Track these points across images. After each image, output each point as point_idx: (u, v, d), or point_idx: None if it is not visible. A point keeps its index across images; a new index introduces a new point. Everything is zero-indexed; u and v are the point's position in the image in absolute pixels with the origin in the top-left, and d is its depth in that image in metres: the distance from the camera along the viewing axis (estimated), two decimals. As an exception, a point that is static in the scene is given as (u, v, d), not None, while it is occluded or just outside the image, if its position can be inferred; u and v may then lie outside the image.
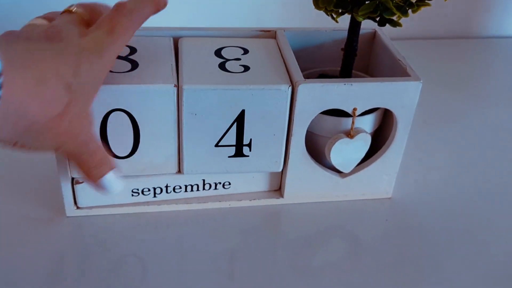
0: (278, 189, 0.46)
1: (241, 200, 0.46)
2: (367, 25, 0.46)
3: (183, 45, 0.44)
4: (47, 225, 0.43)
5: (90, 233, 0.43)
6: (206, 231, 0.44)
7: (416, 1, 0.36)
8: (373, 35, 0.48)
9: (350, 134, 0.42)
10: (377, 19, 0.37)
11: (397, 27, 0.37)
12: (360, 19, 0.36)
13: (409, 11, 0.37)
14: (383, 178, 0.46)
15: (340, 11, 0.35)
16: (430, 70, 0.69)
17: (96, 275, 0.39)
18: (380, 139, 0.46)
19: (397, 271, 0.41)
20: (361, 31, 0.46)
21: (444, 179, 0.51)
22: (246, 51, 0.44)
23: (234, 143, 0.42)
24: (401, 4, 0.34)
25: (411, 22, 0.73)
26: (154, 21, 0.66)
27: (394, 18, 0.37)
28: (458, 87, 0.67)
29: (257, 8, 0.69)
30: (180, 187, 0.44)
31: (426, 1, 0.36)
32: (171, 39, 0.44)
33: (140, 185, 0.43)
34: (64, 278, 0.39)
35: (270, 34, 0.46)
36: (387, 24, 0.37)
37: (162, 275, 0.40)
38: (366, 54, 0.49)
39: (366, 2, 0.34)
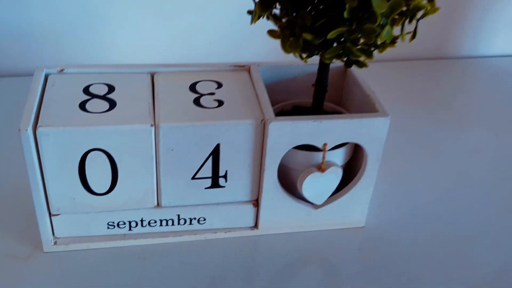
0: (254, 226, 0.50)
1: (216, 233, 0.50)
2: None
3: (159, 81, 0.48)
4: (25, 262, 0.47)
5: (68, 268, 0.46)
6: (183, 264, 0.48)
7: (381, 43, 0.41)
8: (345, 69, 0.53)
9: (321, 168, 0.47)
10: (344, 59, 0.41)
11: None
12: (327, 61, 0.41)
13: (375, 51, 0.41)
14: (355, 208, 0.51)
15: (307, 55, 0.40)
16: (405, 90, 0.75)
17: (74, 309, 0.43)
18: (352, 170, 0.51)
19: (369, 300, 0.46)
20: (334, 65, 0.52)
21: (417, 207, 0.55)
22: (220, 85, 0.48)
23: (210, 175, 0.46)
24: (365, 47, 0.39)
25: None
26: (132, 57, 0.72)
27: (361, 59, 0.42)
28: (433, 108, 0.72)
29: (233, 43, 0.74)
30: (155, 221, 0.48)
31: (396, 42, 0.41)
32: (149, 75, 0.49)
33: (115, 218, 0.47)
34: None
35: (244, 68, 0.51)
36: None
37: (139, 308, 0.44)
38: (339, 87, 0.54)
39: (333, 46, 0.39)
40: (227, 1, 0.71)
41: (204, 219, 0.49)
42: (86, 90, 0.46)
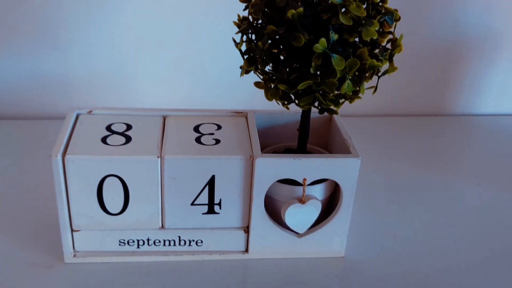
0: (245, 250, 0.58)
1: (211, 254, 0.58)
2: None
3: (169, 123, 0.58)
4: (48, 270, 0.55)
5: (84, 278, 0.55)
6: (182, 281, 0.55)
7: (350, 95, 0.49)
8: (330, 118, 0.62)
9: (302, 200, 0.55)
10: (318, 107, 0.50)
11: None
12: (302, 108, 0.50)
13: (346, 102, 0.50)
14: (335, 239, 0.58)
15: (285, 102, 0.49)
16: (400, 142, 0.83)
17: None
18: (333, 204, 0.58)
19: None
20: (319, 115, 0.60)
21: (396, 243, 0.62)
22: (219, 127, 0.57)
23: (207, 202, 0.54)
24: (333, 98, 0.48)
25: (387, 100, 0.89)
26: (149, 103, 0.83)
27: (331, 107, 0.50)
28: (426, 161, 0.80)
29: (234, 92, 0.84)
30: (160, 241, 0.57)
31: (359, 95, 0.50)
32: (161, 117, 0.59)
33: (126, 236, 0.56)
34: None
35: (242, 114, 0.60)
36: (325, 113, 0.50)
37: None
38: (325, 133, 0.63)
39: (305, 96, 0.48)
40: (227, 57, 0.81)
41: (202, 242, 0.57)
42: (108, 128, 0.56)
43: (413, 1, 0.84)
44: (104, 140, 0.54)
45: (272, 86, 0.49)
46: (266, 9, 0.47)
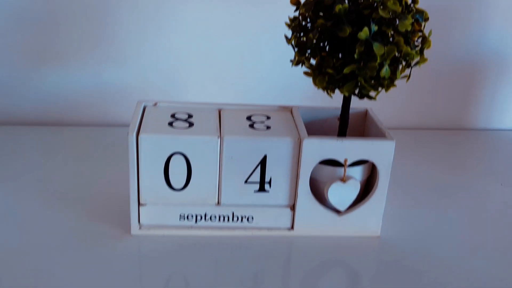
0: (291, 227, 0.65)
1: (261, 230, 0.65)
2: (361, 104, 0.68)
3: (225, 114, 0.66)
4: (118, 241, 0.63)
5: (147, 249, 0.62)
6: (234, 255, 0.62)
7: (386, 83, 0.57)
8: (365, 113, 0.70)
9: (343, 179, 0.62)
10: (358, 95, 0.58)
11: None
12: (346, 93, 0.58)
13: (382, 89, 0.58)
14: (371, 219, 0.65)
15: (331, 88, 0.57)
16: (427, 153, 0.90)
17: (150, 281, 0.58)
18: (371, 187, 0.65)
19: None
20: (356, 110, 0.69)
21: (429, 226, 0.69)
22: (269, 118, 0.66)
23: (259, 181, 0.62)
24: (373, 84, 0.56)
25: (413, 114, 0.97)
26: (205, 98, 0.92)
27: (372, 94, 0.58)
28: (451, 169, 0.86)
29: (282, 88, 0.93)
30: (215, 217, 0.64)
31: (394, 83, 0.58)
32: (217, 110, 0.67)
33: (185, 211, 0.63)
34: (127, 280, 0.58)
35: (288, 109, 0.69)
36: (365, 98, 0.58)
37: None
38: (361, 126, 0.70)
39: (349, 81, 0.56)
40: (278, 56, 0.90)
41: (253, 218, 0.64)
42: (172, 115, 0.65)
43: (436, 24, 0.93)
44: (170, 124, 0.62)
45: (319, 74, 0.57)
46: (314, 8, 0.56)
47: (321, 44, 0.56)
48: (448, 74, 0.97)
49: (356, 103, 0.67)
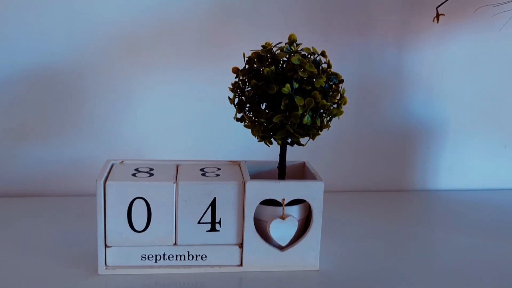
0: (240, 264, 0.74)
1: (213, 267, 0.74)
2: (299, 159, 0.80)
3: (181, 168, 0.78)
4: (86, 280, 0.71)
5: (114, 287, 0.70)
6: None
7: (313, 132, 0.70)
8: (303, 164, 0.82)
9: (282, 217, 0.72)
10: (290, 143, 0.71)
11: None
12: (279, 142, 0.70)
13: (309, 139, 0.71)
14: (310, 254, 0.75)
15: (267, 138, 0.70)
16: (369, 212, 1.01)
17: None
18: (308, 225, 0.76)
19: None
20: (295, 162, 0.81)
21: (367, 261, 0.78)
22: (219, 169, 0.77)
23: (210, 221, 0.72)
24: (300, 131, 0.68)
25: (357, 177, 1.09)
26: (165, 155, 1.03)
27: (302, 141, 0.71)
28: (390, 222, 0.97)
29: (228, 144, 1.06)
30: (173, 256, 0.73)
31: (319, 132, 0.70)
32: (175, 165, 0.79)
33: (146, 252, 0.72)
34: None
35: (236, 163, 0.80)
36: (295, 145, 0.71)
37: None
38: (300, 176, 0.82)
39: (280, 130, 0.68)
40: (222, 116, 1.03)
41: (206, 256, 0.74)
42: (136, 169, 0.76)
43: (368, 98, 1.08)
44: (134, 175, 0.73)
45: (256, 125, 0.70)
46: (249, 74, 0.70)
47: (256, 99, 0.69)
48: (385, 142, 1.11)
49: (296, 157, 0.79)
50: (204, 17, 1.01)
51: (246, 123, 0.72)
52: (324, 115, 0.70)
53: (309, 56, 0.71)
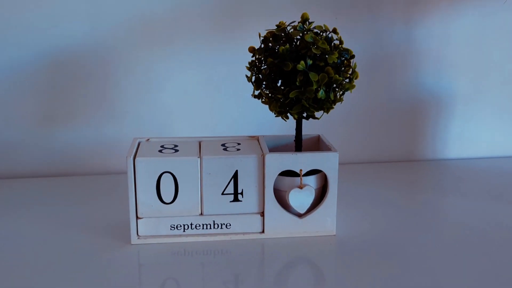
0: (262, 231, 0.80)
1: (237, 235, 0.79)
2: (315, 132, 0.85)
3: (203, 144, 0.83)
4: (119, 249, 0.77)
5: (145, 255, 0.76)
6: (216, 258, 0.76)
7: (327, 106, 0.74)
8: (318, 138, 0.86)
9: (300, 186, 0.77)
10: (306, 117, 0.75)
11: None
12: (295, 116, 0.75)
13: (323, 113, 0.75)
14: (327, 220, 0.80)
15: (284, 113, 0.74)
16: (382, 182, 1.06)
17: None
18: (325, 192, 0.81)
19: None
20: (310, 136, 0.85)
21: (379, 223, 0.83)
22: (239, 144, 0.82)
23: (233, 192, 0.77)
24: (314, 105, 0.73)
25: (370, 149, 1.14)
26: (187, 132, 1.09)
27: (317, 115, 0.75)
28: (403, 191, 1.02)
29: (246, 120, 1.11)
30: (200, 225, 0.79)
31: (332, 106, 0.75)
32: (197, 142, 0.84)
33: (175, 222, 0.78)
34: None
35: (255, 138, 0.85)
36: (310, 119, 0.75)
37: None
38: (315, 148, 0.87)
39: (296, 105, 0.73)
40: (242, 93, 1.08)
41: (230, 225, 0.79)
42: (162, 146, 0.81)
43: (379, 72, 1.12)
44: (160, 151, 0.79)
45: (273, 101, 0.75)
46: (265, 53, 0.74)
47: (272, 76, 0.74)
48: (396, 114, 1.15)
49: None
50: (220, 1, 1.05)
51: (263, 100, 0.77)
52: (337, 89, 0.74)
53: (321, 33, 0.75)
